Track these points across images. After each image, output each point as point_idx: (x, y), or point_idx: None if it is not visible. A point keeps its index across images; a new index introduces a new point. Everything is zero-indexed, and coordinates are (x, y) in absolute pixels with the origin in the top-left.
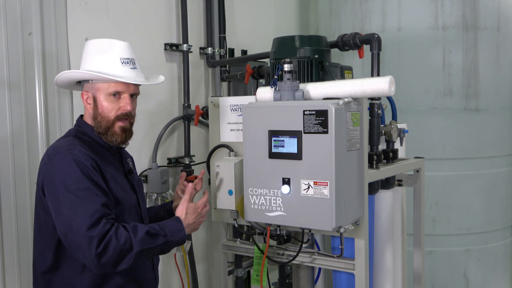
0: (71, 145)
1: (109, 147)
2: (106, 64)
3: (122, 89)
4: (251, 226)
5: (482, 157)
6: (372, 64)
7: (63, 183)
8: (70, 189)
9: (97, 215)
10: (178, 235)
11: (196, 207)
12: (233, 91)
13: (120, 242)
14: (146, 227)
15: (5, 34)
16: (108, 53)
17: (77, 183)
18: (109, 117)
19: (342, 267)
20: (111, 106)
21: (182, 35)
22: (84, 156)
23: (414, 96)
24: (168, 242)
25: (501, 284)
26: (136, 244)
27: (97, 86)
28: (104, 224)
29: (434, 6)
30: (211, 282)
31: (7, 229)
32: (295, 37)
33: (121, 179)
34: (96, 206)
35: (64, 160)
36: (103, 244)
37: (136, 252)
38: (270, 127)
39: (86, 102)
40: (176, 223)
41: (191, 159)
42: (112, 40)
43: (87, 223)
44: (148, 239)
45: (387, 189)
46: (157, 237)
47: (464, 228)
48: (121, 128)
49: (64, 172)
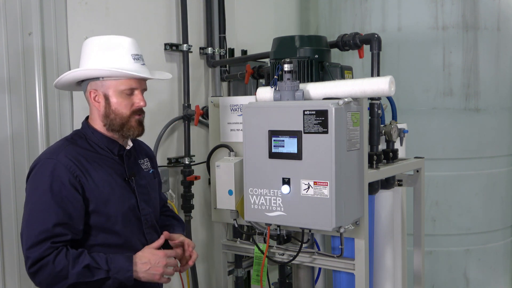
0: (53, 153)
1: (110, 151)
2: (118, 61)
3: (135, 85)
4: (251, 226)
5: (482, 157)
6: (372, 64)
7: (30, 192)
8: (32, 199)
9: (43, 236)
10: (124, 274)
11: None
12: (233, 91)
13: (56, 269)
14: (88, 260)
15: (5, 34)
16: (117, 49)
17: (40, 195)
18: (123, 114)
19: (342, 267)
20: (125, 103)
21: (182, 35)
22: (61, 168)
23: (414, 96)
24: (110, 278)
25: (501, 284)
26: (72, 276)
27: (108, 84)
28: (46, 248)
29: (434, 6)
30: (211, 282)
31: (7, 229)
32: (295, 37)
33: (116, 183)
34: (46, 225)
35: (39, 169)
36: (37, 266)
37: (70, 283)
38: (270, 127)
39: (94, 100)
40: (125, 261)
41: (191, 159)
42: (119, 37)
43: (30, 241)
44: (85, 273)
45: (387, 189)
46: (97, 272)
47: (464, 228)
48: (137, 121)
49: (35, 181)
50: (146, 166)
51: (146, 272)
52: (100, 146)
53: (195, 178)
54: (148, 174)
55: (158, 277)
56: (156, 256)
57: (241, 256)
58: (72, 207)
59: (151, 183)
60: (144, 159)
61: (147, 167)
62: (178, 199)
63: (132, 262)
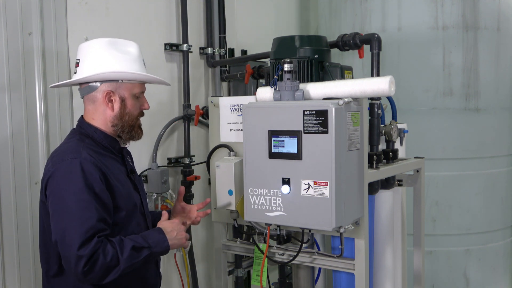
0: (76, 152)
1: (112, 148)
2: (133, 65)
3: (143, 89)
4: (251, 226)
5: (482, 157)
6: (372, 64)
7: (64, 192)
8: (70, 199)
9: (91, 232)
10: (162, 245)
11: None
12: (233, 91)
13: (107, 259)
14: (132, 242)
15: (5, 34)
16: (129, 53)
17: (78, 194)
18: (134, 116)
19: (342, 267)
20: (136, 106)
21: (182, 35)
22: (90, 165)
23: (414, 96)
24: (152, 253)
25: (501, 284)
26: (123, 261)
27: (125, 86)
28: (95, 243)
29: (434, 6)
30: (211, 282)
31: (7, 229)
32: (295, 37)
33: (124, 180)
34: (92, 221)
35: (68, 169)
36: (91, 262)
37: (123, 268)
38: (270, 127)
39: (107, 101)
40: (159, 234)
41: (191, 159)
42: (126, 41)
43: (80, 239)
44: (134, 254)
45: (387, 189)
46: (142, 250)
47: (464, 228)
48: (139, 126)
49: (67, 180)
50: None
51: (175, 239)
52: (104, 144)
53: (195, 178)
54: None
55: (184, 240)
56: (174, 224)
57: (241, 256)
58: (107, 202)
59: (140, 180)
60: (130, 158)
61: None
62: None
63: (164, 233)
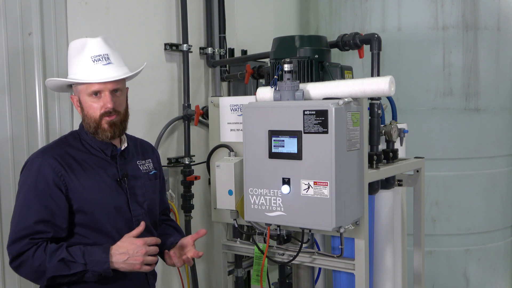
0: (42, 152)
1: (102, 151)
2: (79, 66)
3: (99, 88)
4: (251, 226)
5: (482, 157)
6: (372, 64)
7: (20, 188)
8: (20, 196)
9: (24, 232)
10: (102, 266)
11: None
12: (233, 91)
13: (35, 264)
14: (64, 254)
15: (5, 34)
16: (81, 53)
17: (27, 192)
18: (95, 117)
19: (342, 267)
20: (95, 105)
21: (182, 35)
22: (47, 167)
23: (414, 96)
24: (88, 271)
25: (501, 284)
26: (49, 270)
27: (79, 89)
28: (25, 244)
29: (434, 6)
30: (211, 282)
31: (7, 229)
32: (295, 37)
33: (105, 183)
34: (28, 222)
35: (29, 167)
36: (17, 261)
37: (49, 276)
38: (270, 127)
39: (76, 105)
40: (102, 253)
41: (191, 159)
42: (86, 39)
43: (12, 237)
44: (62, 266)
45: (387, 189)
46: (72, 265)
47: (464, 228)
48: (108, 123)
49: (24, 177)
50: (147, 167)
51: (124, 263)
52: (93, 146)
53: (195, 178)
54: (148, 175)
55: (138, 266)
56: (134, 245)
57: (241, 256)
58: (55, 205)
59: (149, 184)
60: (146, 160)
61: (148, 169)
62: (178, 199)
63: (108, 254)
